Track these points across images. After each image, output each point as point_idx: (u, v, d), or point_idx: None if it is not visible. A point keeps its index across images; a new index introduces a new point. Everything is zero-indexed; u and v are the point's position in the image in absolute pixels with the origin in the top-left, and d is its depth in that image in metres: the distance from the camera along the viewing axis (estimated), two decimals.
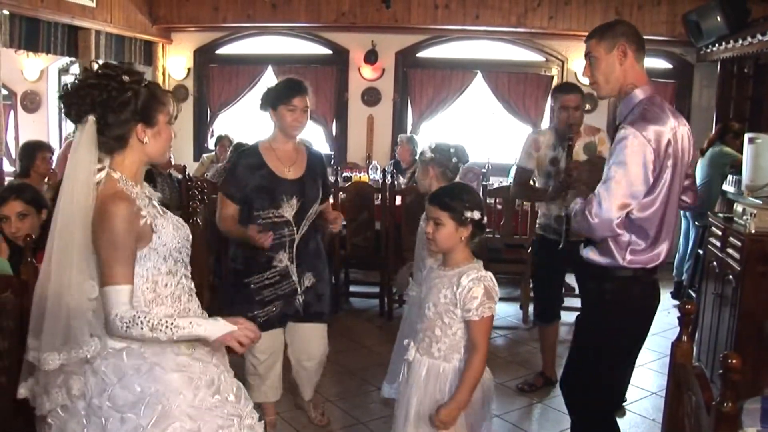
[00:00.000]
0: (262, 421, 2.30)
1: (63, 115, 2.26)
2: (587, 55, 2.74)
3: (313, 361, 3.68)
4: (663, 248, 2.69)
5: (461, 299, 2.46)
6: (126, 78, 2.09)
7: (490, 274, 2.53)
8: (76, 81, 2.09)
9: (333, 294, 3.78)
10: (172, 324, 2.02)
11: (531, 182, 4.56)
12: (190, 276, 2.28)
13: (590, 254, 2.78)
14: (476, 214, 2.52)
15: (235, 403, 2.18)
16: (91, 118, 2.03)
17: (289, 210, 3.39)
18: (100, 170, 2.08)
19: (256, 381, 3.57)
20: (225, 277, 3.49)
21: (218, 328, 2.10)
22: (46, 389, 2.11)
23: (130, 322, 1.97)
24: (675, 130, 2.61)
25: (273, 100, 3.43)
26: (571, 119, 4.20)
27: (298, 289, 3.46)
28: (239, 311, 3.28)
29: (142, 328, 1.98)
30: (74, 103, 2.06)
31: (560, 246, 3.61)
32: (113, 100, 2.05)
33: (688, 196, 2.92)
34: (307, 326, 3.58)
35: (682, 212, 5.73)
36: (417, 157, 3.44)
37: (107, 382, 2.04)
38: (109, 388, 2.04)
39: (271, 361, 3.57)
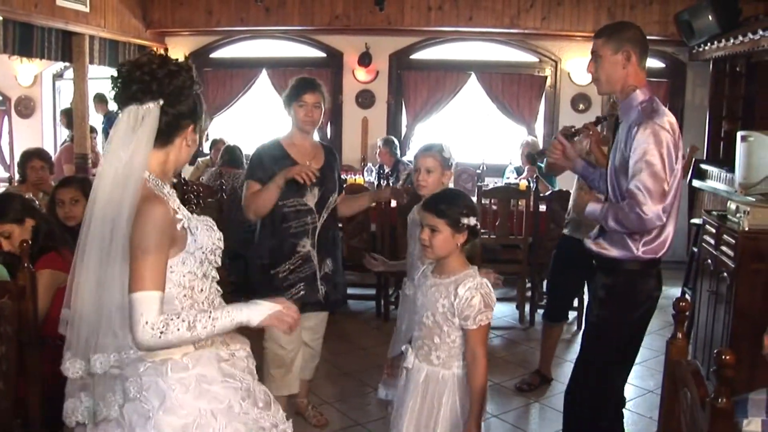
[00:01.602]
0: (290, 420, 2.23)
1: (118, 95, 2.01)
2: (593, 52, 2.86)
3: (318, 340, 3.90)
4: (670, 232, 2.83)
5: (459, 309, 2.46)
6: (194, 75, 2.03)
7: (486, 281, 2.52)
8: (155, 60, 1.95)
9: (345, 281, 4.03)
10: (210, 318, 1.89)
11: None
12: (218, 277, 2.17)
13: (599, 246, 2.89)
14: (472, 221, 2.51)
15: (266, 411, 2.09)
16: (161, 101, 1.91)
17: (311, 199, 3.55)
18: None
19: (281, 372, 3.65)
20: (251, 273, 3.69)
21: (260, 310, 2.00)
22: (102, 395, 1.95)
23: (163, 326, 1.82)
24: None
25: (287, 99, 3.60)
26: (614, 108, 4.28)
27: (317, 273, 3.59)
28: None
29: (179, 329, 1.83)
30: (156, 79, 1.91)
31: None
32: (186, 90, 1.98)
33: None
34: (319, 314, 3.79)
35: None
36: (414, 158, 3.41)
37: (149, 408, 1.89)
38: (152, 414, 1.89)
39: (295, 351, 3.68)
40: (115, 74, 1.96)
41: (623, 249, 2.81)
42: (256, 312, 1.99)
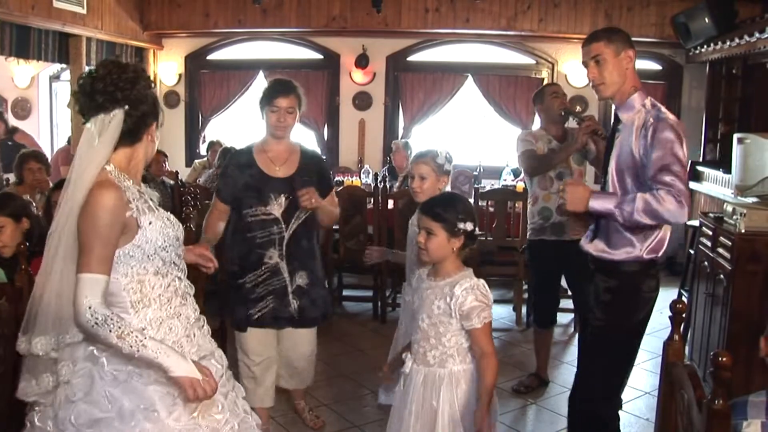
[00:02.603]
0: (251, 418, 2.26)
1: (82, 107, 2.19)
2: (594, 56, 2.81)
3: (302, 360, 3.69)
4: (668, 230, 2.82)
5: (456, 310, 2.46)
6: (148, 76, 2.15)
7: (482, 281, 2.53)
8: (114, 70, 2.04)
9: (328, 297, 3.77)
10: (140, 341, 1.90)
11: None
12: (185, 278, 2.21)
13: (598, 249, 2.87)
14: (469, 226, 2.52)
15: (215, 416, 2.09)
16: (126, 107, 2.03)
17: (277, 208, 3.38)
18: None
19: (251, 384, 3.54)
20: (222, 281, 3.55)
21: (183, 368, 1.95)
22: (35, 374, 2.09)
23: (100, 319, 1.88)
24: None
25: (261, 102, 3.45)
26: (563, 105, 4.34)
27: (289, 287, 3.43)
28: (237, 312, 3.47)
29: (109, 331, 1.88)
30: (119, 89, 2.01)
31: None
32: (146, 94, 2.08)
33: None
34: (299, 330, 3.59)
35: None
36: (409, 165, 3.39)
37: (76, 393, 1.99)
38: (77, 401, 1.98)
39: (266, 364, 3.56)
40: (77, 88, 2.06)
41: (627, 249, 2.79)
42: (180, 366, 1.95)
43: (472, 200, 5.86)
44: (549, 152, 4.28)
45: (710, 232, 4.40)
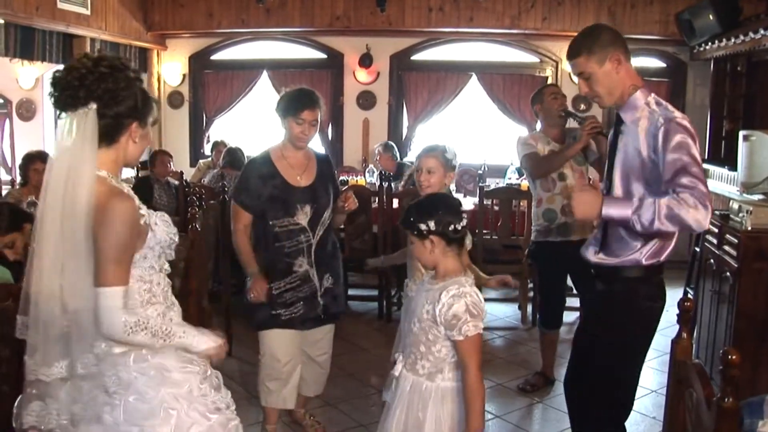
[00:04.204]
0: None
1: (54, 103, 2.08)
2: (580, 74, 2.69)
3: (324, 355, 3.71)
4: (673, 238, 2.68)
5: (441, 317, 2.34)
6: (132, 74, 2.03)
7: (474, 290, 2.38)
8: (86, 64, 1.95)
9: (345, 290, 3.91)
10: (168, 332, 2.03)
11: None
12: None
13: (597, 256, 2.77)
14: (431, 225, 2.37)
15: (218, 393, 2.17)
16: (93, 106, 1.92)
17: (303, 217, 3.41)
18: None
19: (276, 385, 3.51)
20: (247, 283, 3.53)
21: (204, 340, 2.14)
22: (80, 396, 2.04)
23: (134, 326, 1.94)
24: None
25: (283, 110, 3.43)
26: (563, 106, 4.40)
27: (318, 291, 3.48)
28: (259, 312, 3.48)
29: (145, 334, 1.96)
30: (83, 86, 1.91)
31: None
32: (122, 91, 1.97)
33: None
34: (322, 326, 3.62)
35: None
36: (416, 159, 3.37)
37: (118, 395, 2.00)
38: (121, 400, 1.99)
39: (292, 365, 3.54)
40: (52, 80, 1.98)
41: (628, 255, 2.66)
42: (201, 340, 2.13)
43: (476, 199, 5.85)
44: (550, 153, 4.28)
45: (716, 230, 4.38)
